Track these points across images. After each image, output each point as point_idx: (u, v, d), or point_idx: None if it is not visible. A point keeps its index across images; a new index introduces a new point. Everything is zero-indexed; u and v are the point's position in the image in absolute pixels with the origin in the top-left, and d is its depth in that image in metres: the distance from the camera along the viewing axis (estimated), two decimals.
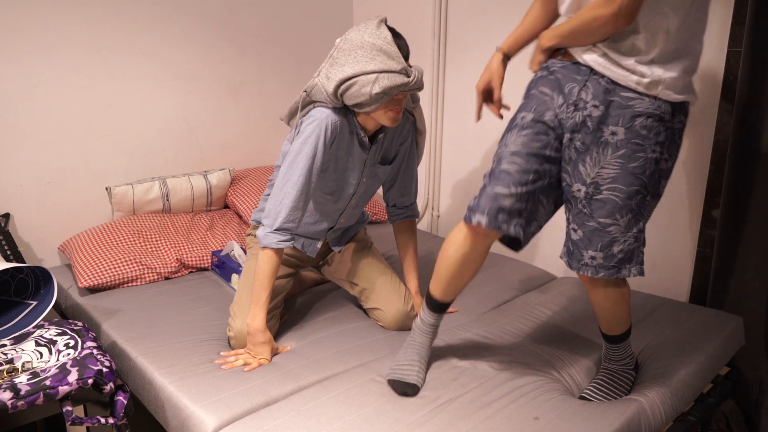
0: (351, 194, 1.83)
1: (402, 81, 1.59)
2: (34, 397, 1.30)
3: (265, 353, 1.63)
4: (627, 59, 1.28)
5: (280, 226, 1.64)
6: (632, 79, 1.28)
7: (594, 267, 1.38)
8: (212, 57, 2.67)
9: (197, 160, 2.73)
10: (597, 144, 1.32)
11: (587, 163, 1.34)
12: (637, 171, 1.31)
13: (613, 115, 1.30)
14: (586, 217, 1.36)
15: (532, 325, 1.87)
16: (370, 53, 1.58)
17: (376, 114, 1.65)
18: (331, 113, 1.65)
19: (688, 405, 1.66)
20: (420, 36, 2.80)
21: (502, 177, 1.37)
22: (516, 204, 1.36)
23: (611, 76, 1.29)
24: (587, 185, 1.34)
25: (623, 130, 1.30)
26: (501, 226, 1.37)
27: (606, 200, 1.33)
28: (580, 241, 1.38)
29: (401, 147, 1.88)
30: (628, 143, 1.30)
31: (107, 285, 2.08)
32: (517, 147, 1.37)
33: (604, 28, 1.25)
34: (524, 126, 1.38)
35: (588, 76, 1.33)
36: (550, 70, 1.39)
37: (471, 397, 1.47)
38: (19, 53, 2.19)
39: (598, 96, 1.31)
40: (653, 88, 1.27)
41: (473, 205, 1.40)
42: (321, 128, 1.63)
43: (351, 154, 1.75)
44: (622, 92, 1.29)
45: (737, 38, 1.88)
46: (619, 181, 1.31)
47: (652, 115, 1.29)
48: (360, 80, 1.58)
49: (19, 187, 2.28)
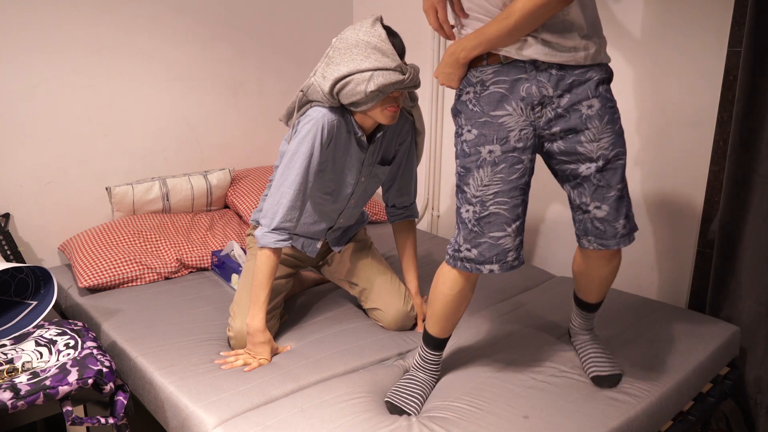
0: (349, 194, 1.83)
1: (397, 78, 1.58)
2: (34, 397, 1.30)
3: (264, 353, 1.63)
4: (570, 39, 1.28)
5: (278, 225, 1.64)
6: (580, 55, 1.29)
7: (626, 235, 1.39)
8: (212, 57, 2.67)
9: (197, 160, 2.73)
10: (583, 122, 1.33)
11: (584, 143, 1.34)
12: (620, 130, 1.36)
13: (580, 92, 1.32)
14: (606, 189, 1.36)
15: (528, 325, 1.87)
16: (364, 51, 1.58)
17: (373, 112, 1.65)
18: (328, 113, 1.65)
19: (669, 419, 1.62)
20: (420, 36, 2.80)
21: (494, 221, 1.35)
22: (516, 239, 1.37)
23: (560, 61, 1.29)
24: (595, 160, 1.35)
25: (596, 100, 1.33)
26: (513, 265, 1.37)
27: (616, 166, 1.36)
28: (608, 215, 1.37)
29: (400, 147, 1.88)
30: (605, 108, 1.34)
31: (107, 285, 2.08)
32: (499, 186, 1.34)
33: (553, 11, 1.23)
34: (496, 162, 1.34)
35: (534, 71, 1.30)
36: (485, 85, 1.34)
37: (465, 396, 1.47)
38: (19, 53, 2.19)
39: (556, 86, 1.31)
40: (597, 56, 1.32)
41: (475, 257, 1.36)
42: (318, 127, 1.63)
43: (349, 154, 1.75)
44: (574, 71, 1.31)
45: (737, 38, 1.88)
46: (618, 144, 1.36)
47: (605, 80, 1.35)
48: (355, 78, 1.58)
49: (19, 187, 2.28)
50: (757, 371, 1.94)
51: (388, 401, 1.47)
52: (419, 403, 1.46)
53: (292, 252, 1.93)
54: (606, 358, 1.55)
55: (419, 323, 1.87)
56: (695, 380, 1.66)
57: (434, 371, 1.53)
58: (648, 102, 2.14)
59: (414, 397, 1.47)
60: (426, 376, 1.52)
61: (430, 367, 1.53)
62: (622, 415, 1.42)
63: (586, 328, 1.60)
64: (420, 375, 1.52)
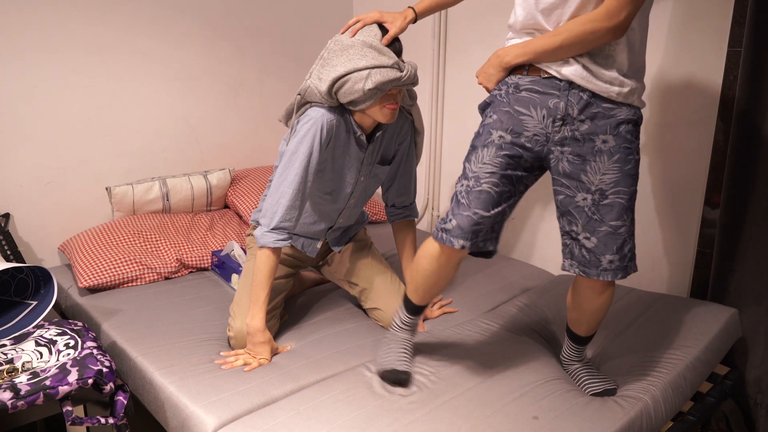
0: (349, 194, 1.83)
1: (395, 75, 1.58)
2: (34, 397, 1.30)
3: (264, 353, 1.63)
4: (609, 71, 1.32)
5: (277, 225, 1.64)
6: (613, 90, 1.33)
7: (613, 270, 1.40)
8: (212, 57, 2.67)
9: (197, 160, 2.73)
10: (593, 154, 1.37)
11: (589, 172, 1.38)
12: (632, 172, 1.38)
13: (600, 125, 1.35)
14: (598, 222, 1.39)
15: (531, 324, 1.87)
16: (360, 50, 1.59)
17: (372, 111, 1.65)
18: (327, 112, 1.65)
19: (687, 401, 1.66)
20: (420, 36, 2.80)
21: (483, 198, 1.39)
22: (494, 223, 1.42)
23: (593, 89, 1.33)
24: (592, 193, 1.38)
25: (612, 137, 1.35)
26: (480, 245, 1.43)
27: (613, 204, 1.37)
28: (595, 248, 1.40)
29: (400, 147, 1.88)
30: (620, 148, 1.36)
31: (107, 285, 2.08)
32: (496, 168, 1.39)
33: (600, 41, 1.27)
34: (502, 147, 1.39)
35: (567, 91, 1.35)
36: (519, 88, 1.39)
37: (470, 396, 1.47)
38: (19, 53, 2.19)
39: (582, 110, 1.35)
40: (630, 97, 1.35)
41: (453, 228, 1.41)
42: (317, 127, 1.63)
43: (348, 154, 1.75)
44: (603, 103, 1.35)
45: (737, 38, 1.88)
46: (621, 184, 1.37)
47: (630, 121, 1.36)
48: (352, 77, 1.58)
49: (19, 187, 2.28)
50: (757, 371, 1.94)
51: (381, 371, 1.52)
52: (409, 360, 1.57)
53: (292, 252, 1.93)
54: (598, 378, 1.57)
55: (419, 323, 1.87)
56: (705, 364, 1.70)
57: (412, 332, 1.64)
58: (648, 102, 2.14)
59: (402, 357, 1.55)
60: (407, 336, 1.62)
61: (410, 328, 1.63)
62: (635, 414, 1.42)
63: (576, 360, 1.63)
64: (400, 335, 1.62)
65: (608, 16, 1.23)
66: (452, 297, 2.07)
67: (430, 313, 1.93)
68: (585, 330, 1.57)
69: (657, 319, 1.87)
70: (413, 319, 1.62)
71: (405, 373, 1.52)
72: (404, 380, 1.50)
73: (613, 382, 1.55)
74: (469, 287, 2.15)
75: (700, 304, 1.94)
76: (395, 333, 1.63)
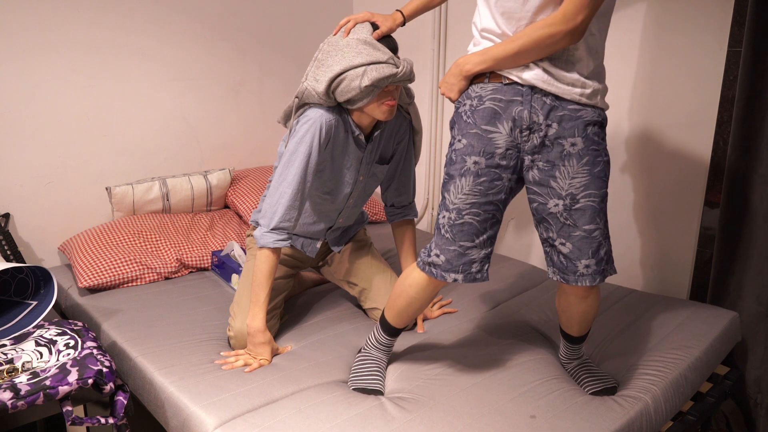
0: (348, 193, 1.83)
1: (391, 71, 1.58)
2: (34, 397, 1.30)
3: (265, 353, 1.63)
4: (570, 74, 1.33)
5: (277, 225, 1.64)
6: (576, 91, 1.33)
7: (590, 275, 1.40)
8: (212, 57, 2.67)
9: (197, 160, 2.73)
10: (562, 158, 1.36)
11: (558, 177, 1.37)
12: (601, 174, 1.37)
13: (568, 128, 1.35)
14: (572, 228, 1.39)
15: (530, 324, 1.87)
16: (355, 48, 1.59)
17: (369, 108, 1.65)
18: (326, 113, 1.65)
19: (687, 401, 1.66)
20: (420, 36, 2.80)
21: (465, 230, 1.40)
22: (483, 251, 1.43)
23: (556, 92, 1.33)
24: (563, 198, 1.38)
25: (581, 139, 1.35)
26: (476, 277, 1.43)
27: (585, 208, 1.37)
28: (571, 253, 1.40)
29: (398, 146, 1.88)
30: (588, 150, 1.35)
31: (107, 285, 2.08)
32: (476, 197, 1.39)
33: (558, 45, 1.27)
34: (479, 173, 1.38)
35: (530, 96, 1.34)
36: (482, 99, 1.38)
37: (468, 396, 1.47)
38: (20, 53, 2.19)
39: (548, 115, 1.35)
40: (593, 97, 1.35)
41: (442, 263, 1.42)
42: (316, 128, 1.63)
43: (347, 153, 1.75)
44: (568, 105, 1.35)
45: (737, 38, 1.88)
46: (591, 187, 1.36)
47: (596, 123, 1.37)
48: (349, 75, 1.58)
49: (19, 187, 2.28)
50: (757, 371, 1.95)
51: (357, 389, 1.52)
52: (382, 381, 1.55)
53: (291, 252, 1.93)
54: (597, 377, 1.57)
55: (419, 323, 1.87)
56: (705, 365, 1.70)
57: (388, 352, 1.62)
58: (648, 102, 2.14)
59: (376, 376, 1.55)
60: (382, 355, 1.61)
61: (384, 349, 1.62)
62: (635, 414, 1.42)
63: (574, 358, 1.63)
64: (375, 354, 1.61)
65: (565, 20, 1.23)
66: (452, 297, 2.07)
67: (430, 313, 1.93)
68: (577, 331, 1.57)
69: (658, 320, 1.87)
70: (390, 341, 1.60)
71: (377, 392, 1.52)
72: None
73: (613, 381, 1.55)
74: (469, 287, 2.15)
75: (701, 307, 1.94)
76: (369, 351, 1.61)
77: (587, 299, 1.47)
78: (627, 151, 2.23)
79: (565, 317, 1.55)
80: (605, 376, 1.57)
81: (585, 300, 1.47)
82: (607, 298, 2.03)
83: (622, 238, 2.30)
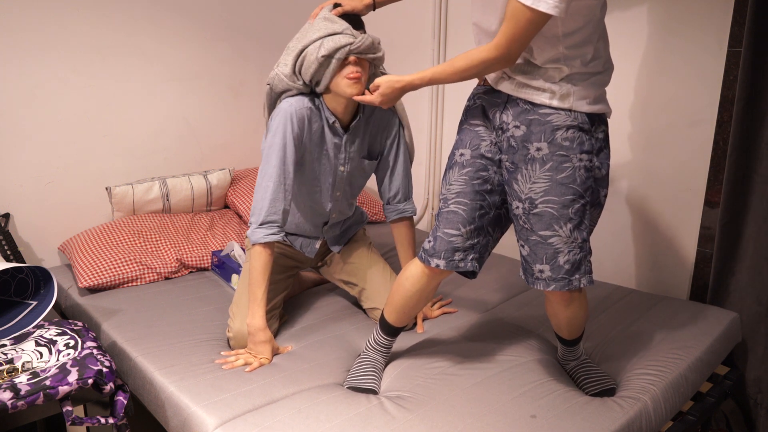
0: (331, 184, 1.82)
1: (347, 41, 1.59)
2: (34, 397, 1.30)
3: (266, 352, 1.63)
4: (535, 81, 1.36)
5: (264, 220, 1.66)
6: (545, 96, 1.35)
7: (544, 280, 1.40)
8: (212, 57, 2.67)
9: (197, 160, 2.73)
10: (525, 161, 1.38)
11: (519, 180, 1.39)
12: (567, 181, 1.35)
13: (536, 132, 1.36)
14: (529, 232, 1.40)
15: (530, 324, 1.87)
16: (315, 26, 1.63)
17: (335, 85, 1.64)
18: (296, 102, 1.67)
19: (687, 402, 1.66)
20: (420, 36, 2.80)
21: (450, 218, 1.45)
22: (468, 241, 1.45)
23: (525, 97, 1.37)
24: (523, 201, 1.39)
25: (546, 144, 1.36)
26: (458, 265, 1.45)
27: (542, 213, 1.37)
28: (528, 256, 1.42)
29: (387, 141, 1.86)
30: (553, 156, 1.35)
31: (107, 285, 2.08)
32: (461, 186, 1.45)
33: (493, 68, 1.34)
34: (464, 164, 1.46)
35: (507, 100, 1.41)
36: (474, 98, 1.49)
37: (468, 396, 1.47)
38: (20, 53, 2.19)
39: (518, 116, 1.38)
40: (565, 100, 1.34)
41: (429, 248, 1.48)
42: (287, 118, 1.66)
43: (324, 141, 1.75)
44: (539, 110, 1.36)
45: (737, 38, 1.88)
46: (552, 193, 1.36)
47: (571, 127, 1.35)
48: (308, 50, 1.61)
49: (19, 187, 2.28)
50: (757, 371, 1.95)
51: (350, 388, 1.53)
52: (377, 381, 1.56)
53: (291, 253, 1.93)
54: (596, 378, 1.56)
55: (419, 323, 1.87)
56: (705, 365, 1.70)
57: (386, 353, 1.63)
58: (648, 102, 2.14)
59: (371, 376, 1.55)
60: (379, 357, 1.61)
61: (383, 350, 1.62)
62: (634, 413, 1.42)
63: (572, 359, 1.63)
64: (373, 355, 1.61)
65: (497, 49, 1.30)
66: (452, 297, 2.07)
67: (430, 313, 1.93)
68: (567, 334, 1.57)
69: (658, 320, 1.87)
70: (388, 341, 1.61)
71: (371, 390, 1.52)
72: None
73: (611, 382, 1.55)
74: (469, 287, 2.15)
75: (701, 307, 1.94)
76: (368, 352, 1.62)
77: (570, 307, 1.47)
78: (627, 151, 2.23)
79: (554, 322, 1.56)
80: (604, 377, 1.56)
81: (568, 307, 1.47)
82: (607, 298, 2.03)
83: (622, 238, 2.30)
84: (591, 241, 2.44)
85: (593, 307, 1.96)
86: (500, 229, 1.53)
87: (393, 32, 2.90)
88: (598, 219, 1.48)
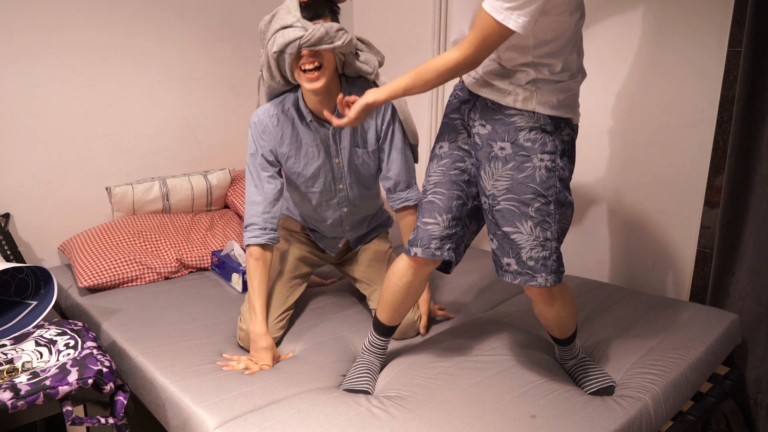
0: (331, 179, 1.80)
1: (296, 35, 1.51)
2: (34, 397, 1.30)
3: (266, 359, 1.63)
4: (501, 83, 1.38)
5: (247, 222, 1.71)
6: (509, 98, 1.37)
7: (511, 273, 1.43)
8: (212, 57, 2.67)
9: (197, 160, 2.73)
10: (488, 159, 1.41)
11: (483, 177, 1.42)
12: (527, 180, 1.37)
13: (500, 132, 1.39)
14: (494, 226, 1.43)
15: (529, 324, 1.87)
16: (276, 17, 1.57)
17: (299, 79, 1.61)
18: (261, 112, 1.72)
19: (687, 402, 1.66)
20: (420, 36, 2.80)
21: (428, 208, 1.48)
22: (445, 231, 1.47)
23: (491, 98, 1.40)
24: (488, 197, 1.42)
25: (509, 144, 1.38)
26: (435, 253, 1.47)
27: (504, 210, 1.40)
28: (497, 249, 1.45)
29: (383, 127, 1.79)
30: (515, 156, 1.38)
31: (107, 285, 2.08)
32: (438, 177, 1.49)
33: (459, 73, 1.36)
34: (442, 156, 1.51)
35: (477, 98, 1.45)
36: (454, 95, 1.52)
37: (467, 395, 1.47)
38: (20, 54, 2.19)
39: (484, 115, 1.42)
40: (528, 103, 1.36)
41: (411, 239, 1.50)
42: (252, 127, 1.73)
43: (307, 137, 1.74)
44: (504, 110, 1.39)
45: (737, 38, 1.88)
46: (513, 191, 1.38)
47: (534, 128, 1.37)
48: (267, 47, 1.59)
49: (19, 187, 2.28)
50: (757, 371, 1.95)
51: (346, 390, 1.54)
52: (372, 383, 1.57)
53: (313, 250, 1.96)
54: (594, 376, 1.57)
55: (422, 325, 1.85)
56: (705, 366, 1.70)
57: (381, 355, 1.63)
58: (648, 102, 2.14)
59: (365, 377, 1.56)
60: (374, 359, 1.62)
61: (378, 352, 1.63)
62: (635, 413, 1.42)
63: (570, 357, 1.64)
64: (368, 357, 1.62)
65: (462, 54, 1.31)
66: (451, 297, 2.07)
67: (434, 312, 1.92)
68: (559, 334, 1.58)
69: (658, 320, 1.87)
70: (382, 341, 1.61)
71: (365, 391, 1.53)
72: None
73: (610, 380, 1.55)
74: (468, 287, 2.15)
75: (702, 308, 1.94)
76: (363, 355, 1.63)
77: (554, 306, 1.48)
78: (627, 151, 2.23)
79: (544, 322, 1.57)
80: (603, 375, 1.57)
81: (552, 307, 1.48)
82: (608, 299, 2.03)
83: (622, 238, 2.30)
84: (591, 240, 2.45)
85: (593, 307, 1.96)
86: (476, 222, 1.54)
87: (393, 32, 2.91)
88: (571, 218, 1.48)
